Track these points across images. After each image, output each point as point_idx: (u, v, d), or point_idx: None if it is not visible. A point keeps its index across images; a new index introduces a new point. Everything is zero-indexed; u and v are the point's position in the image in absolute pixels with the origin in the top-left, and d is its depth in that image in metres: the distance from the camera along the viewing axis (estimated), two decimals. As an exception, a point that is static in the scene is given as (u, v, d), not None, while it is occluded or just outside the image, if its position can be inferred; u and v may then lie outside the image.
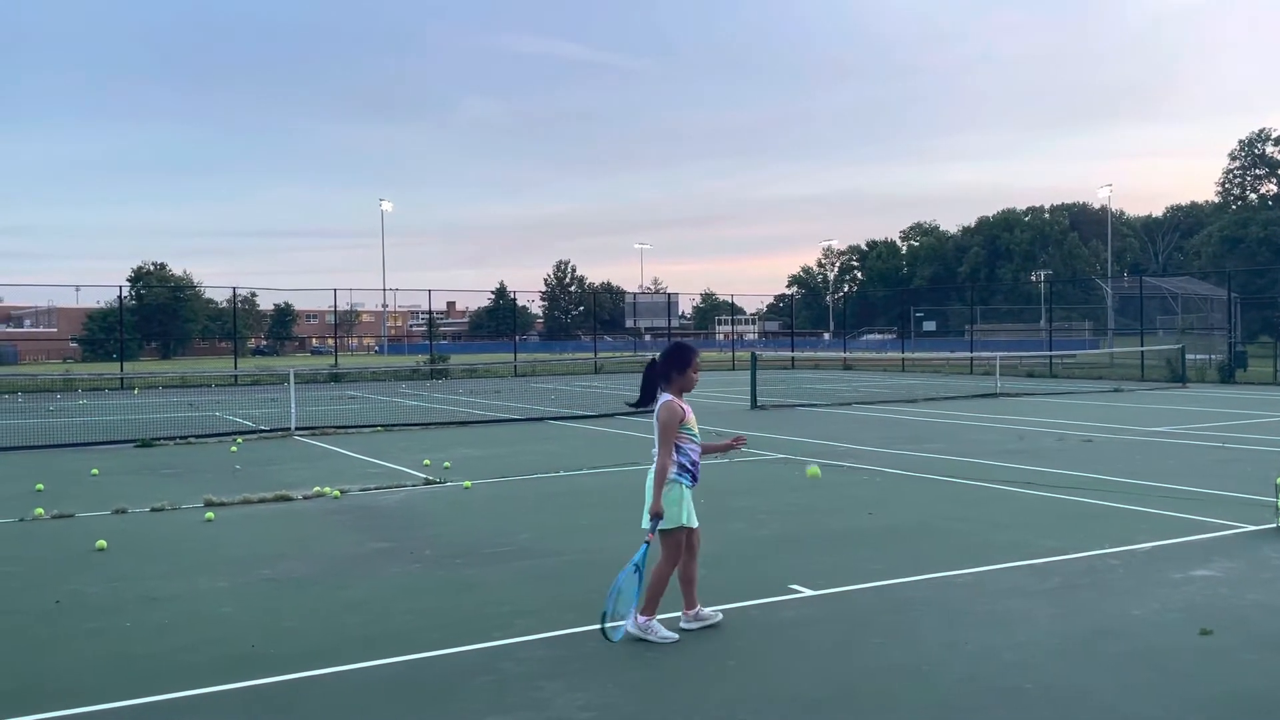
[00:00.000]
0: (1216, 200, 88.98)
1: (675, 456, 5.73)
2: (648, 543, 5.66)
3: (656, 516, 5.61)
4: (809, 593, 6.65)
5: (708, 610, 5.94)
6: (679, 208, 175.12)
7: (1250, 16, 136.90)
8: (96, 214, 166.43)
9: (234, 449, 15.43)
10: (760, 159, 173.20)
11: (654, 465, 5.71)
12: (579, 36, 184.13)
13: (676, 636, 5.62)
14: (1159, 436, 15.84)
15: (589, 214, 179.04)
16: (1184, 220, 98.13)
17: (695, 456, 5.82)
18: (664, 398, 5.80)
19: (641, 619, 5.64)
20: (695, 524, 5.83)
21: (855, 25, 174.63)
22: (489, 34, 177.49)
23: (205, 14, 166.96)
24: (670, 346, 5.98)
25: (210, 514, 9.75)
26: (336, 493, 10.85)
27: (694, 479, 5.80)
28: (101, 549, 8.24)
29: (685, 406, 5.82)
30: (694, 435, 5.86)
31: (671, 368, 5.83)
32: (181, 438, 16.81)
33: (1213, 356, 33.28)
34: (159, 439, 16.55)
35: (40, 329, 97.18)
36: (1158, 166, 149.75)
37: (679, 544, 5.76)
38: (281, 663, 5.38)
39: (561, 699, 4.81)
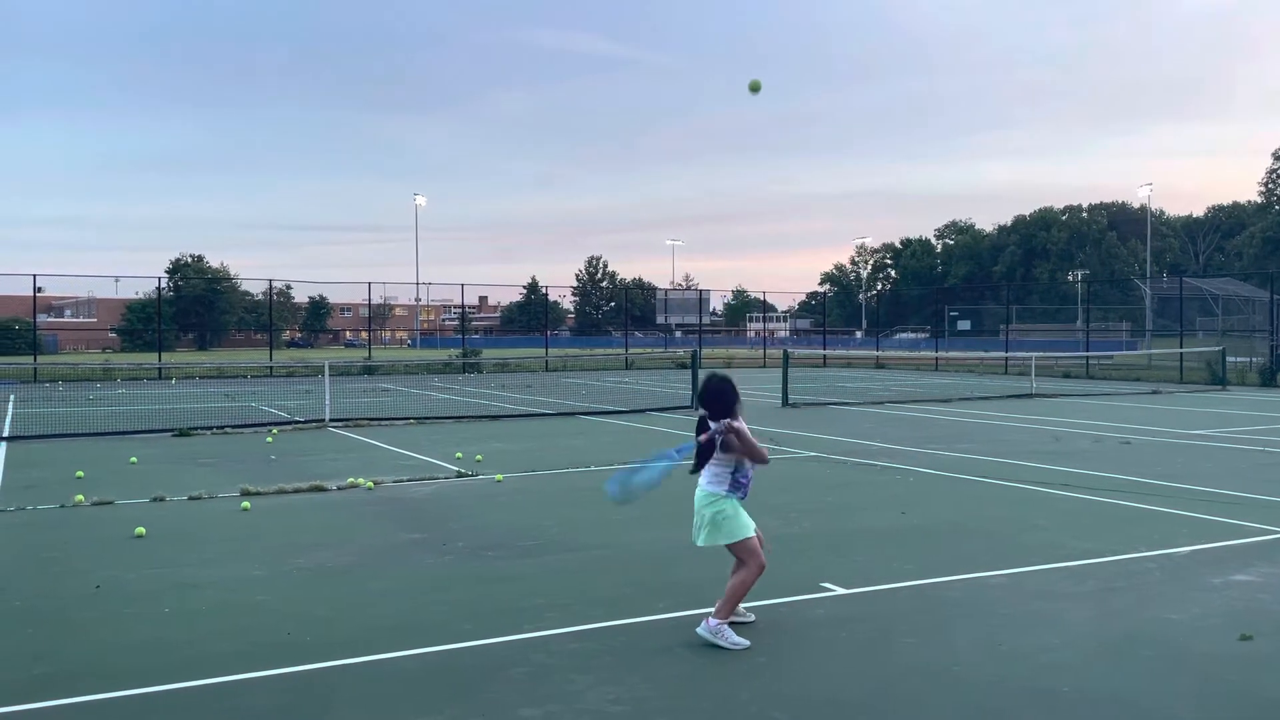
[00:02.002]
0: (1259, 200, 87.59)
1: (730, 472, 5.76)
2: (678, 451, 5.87)
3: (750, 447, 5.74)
4: (841, 591, 6.63)
5: (741, 607, 5.93)
6: (711, 204, 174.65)
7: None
8: (136, 206, 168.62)
9: (269, 439, 15.60)
10: (794, 155, 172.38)
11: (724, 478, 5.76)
12: (611, 32, 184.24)
13: (747, 643, 5.52)
14: (1198, 439, 15.61)
15: (621, 210, 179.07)
16: (1225, 220, 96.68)
17: (751, 474, 5.89)
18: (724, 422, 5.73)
19: (714, 622, 5.58)
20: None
21: (892, 20, 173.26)
22: (521, 29, 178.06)
23: (240, 9, 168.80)
24: (718, 384, 5.82)
25: (246, 503, 9.87)
26: (370, 484, 10.94)
27: (745, 494, 5.86)
28: (140, 536, 8.36)
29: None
30: None
31: (734, 400, 5.77)
32: (218, 428, 17.03)
33: (1254, 359, 32.74)
34: (196, 428, 16.76)
35: (80, 319, 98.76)
36: (1199, 166, 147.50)
37: (757, 549, 5.77)
38: (316, 651, 5.43)
39: (593, 692, 4.82)
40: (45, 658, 5.36)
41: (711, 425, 5.73)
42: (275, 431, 16.66)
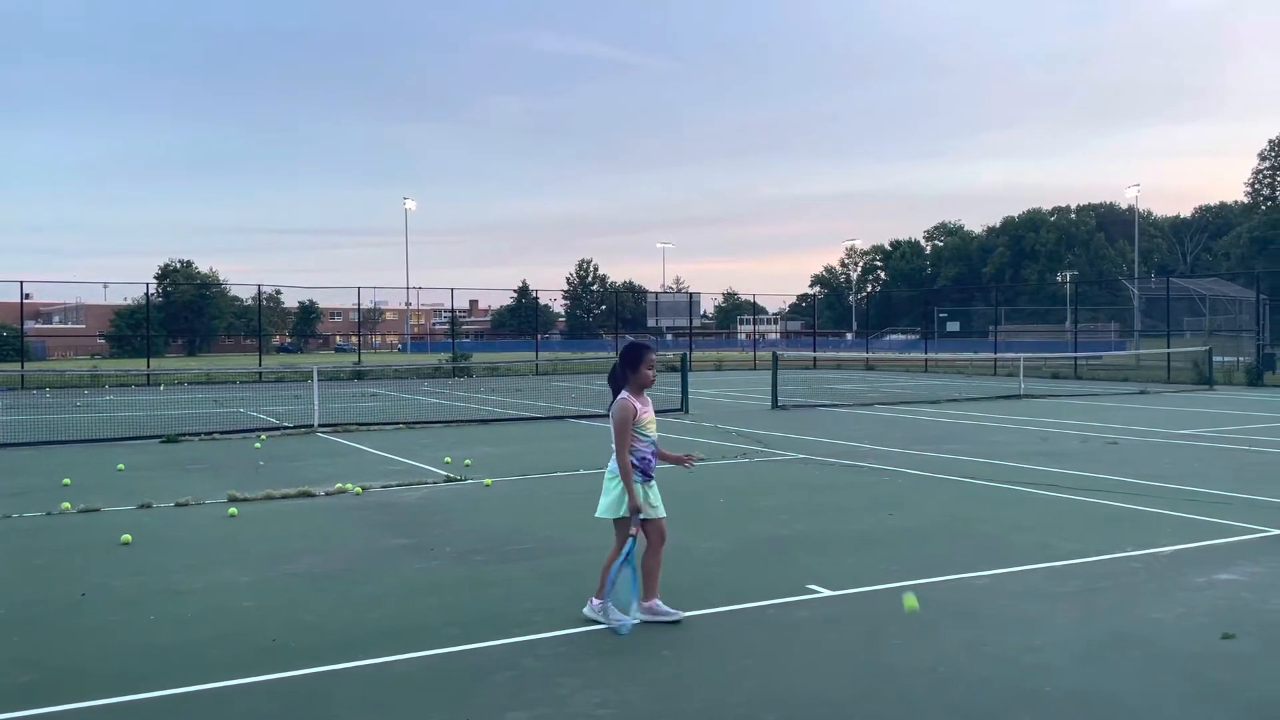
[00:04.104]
0: (1246, 201, 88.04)
1: (632, 456, 5.93)
2: (633, 537, 5.80)
3: (636, 511, 5.82)
4: (827, 593, 6.65)
5: (664, 606, 6.03)
6: (701, 206, 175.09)
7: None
8: (124, 212, 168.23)
9: (258, 445, 15.57)
10: (783, 157, 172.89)
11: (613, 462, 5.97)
12: (602, 35, 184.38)
13: (635, 620, 5.77)
14: (1184, 439, 15.70)
15: (611, 213, 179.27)
16: (1212, 221, 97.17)
17: (647, 454, 5.99)
18: (621, 396, 6.00)
19: (597, 602, 5.88)
20: (662, 514, 6.02)
21: (880, 22, 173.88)
22: (512, 32, 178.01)
23: (230, 14, 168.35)
24: (624, 347, 6.14)
25: (234, 509, 9.85)
26: (358, 489, 10.93)
27: (645, 476, 5.97)
28: (127, 543, 8.34)
29: (641, 404, 6.00)
30: (646, 434, 6.00)
31: (626, 367, 6.03)
32: (206, 434, 16.98)
33: (1240, 359, 32.93)
34: (184, 435, 16.72)
35: (68, 325, 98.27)
36: (1186, 166, 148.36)
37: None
38: (303, 656, 5.43)
39: (580, 696, 4.83)
40: (31, 665, 5.35)
41: (621, 388, 6.00)
42: (263, 437, 16.63)
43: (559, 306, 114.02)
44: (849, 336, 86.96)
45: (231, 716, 4.66)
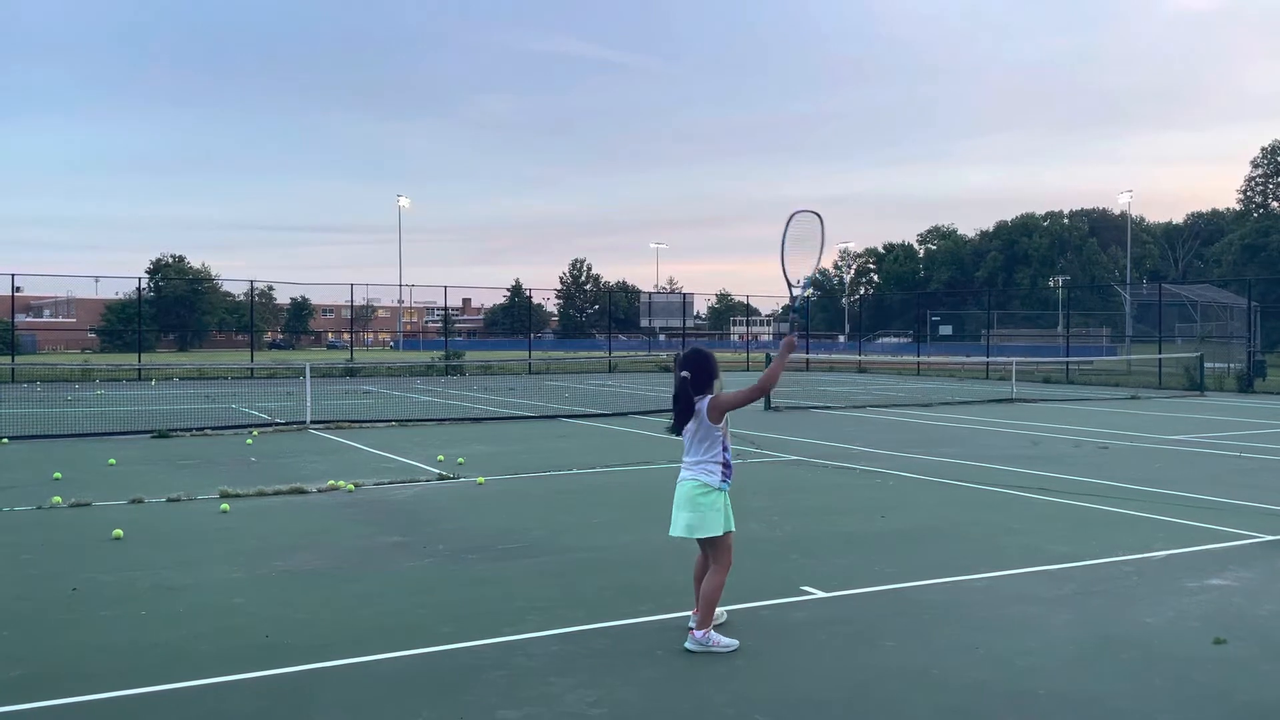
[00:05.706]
0: (1238, 208, 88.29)
1: (721, 454, 5.69)
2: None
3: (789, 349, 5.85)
4: (820, 594, 6.65)
5: (719, 635, 5.86)
6: (695, 207, 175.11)
7: (1274, 22, 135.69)
8: (117, 206, 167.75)
9: (249, 441, 15.52)
10: (777, 159, 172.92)
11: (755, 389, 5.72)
12: (597, 36, 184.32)
13: (737, 643, 5.54)
14: (1176, 444, 15.74)
15: (605, 213, 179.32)
16: (1204, 227, 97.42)
17: (729, 456, 5.79)
18: (710, 395, 5.70)
19: (699, 634, 5.53)
20: (729, 527, 5.76)
21: (874, 26, 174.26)
22: (507, 32, 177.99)
23: (224, 10, 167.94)
24: (697, 355, 5.80)
25: (225, 505, 9.81)
26: (350, 486, 10.90)
27: (728, 480, 5.75)
28: (118, 538, 8.30)
29: None
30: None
31: (712, 375, 5.76)
32: (198, 429, 16.92)
33: (1231, 365, 33.00)
34: (176, 430, 16.66)
35: (59, 319, 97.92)
36: (1179, 173, 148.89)
37: (731, 547, 5.74)
38: (294, 653, 5.41)
39: (572, 695, 4.82)
40: (21, 661, 5.32)
41: (694, 396, 5.67)
42: (255, 433, 16.58)
43: (552, 306, 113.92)
44: (841, 339, 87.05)
45: (223, 713, 4.64)
